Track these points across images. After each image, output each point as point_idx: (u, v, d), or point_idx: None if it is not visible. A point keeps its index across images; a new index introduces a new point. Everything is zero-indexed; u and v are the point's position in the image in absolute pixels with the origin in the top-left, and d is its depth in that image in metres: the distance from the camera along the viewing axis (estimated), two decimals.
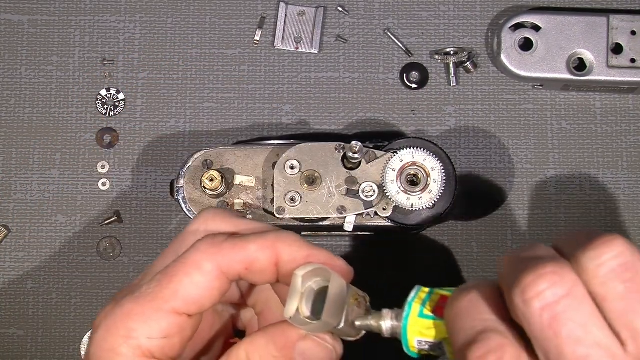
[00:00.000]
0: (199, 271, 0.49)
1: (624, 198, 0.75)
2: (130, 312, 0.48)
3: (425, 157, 0.65)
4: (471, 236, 0.75)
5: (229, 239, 0.50)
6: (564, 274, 0.41)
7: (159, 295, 0.48)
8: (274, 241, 0.49)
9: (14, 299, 0.74)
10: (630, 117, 0.76)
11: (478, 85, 0.77)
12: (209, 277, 0.49)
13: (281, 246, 0.49)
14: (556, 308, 0.41)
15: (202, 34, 0.77)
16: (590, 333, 0.40)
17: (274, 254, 0.49)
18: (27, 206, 0.75)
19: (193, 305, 0.49)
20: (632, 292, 0.41)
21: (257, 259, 0.49)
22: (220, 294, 0.50)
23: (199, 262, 0.49)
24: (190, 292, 0.48)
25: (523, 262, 0.43)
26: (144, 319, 0.48)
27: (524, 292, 0.41)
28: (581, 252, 0.42)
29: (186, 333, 0.49)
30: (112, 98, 0.76)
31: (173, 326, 0.48)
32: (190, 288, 0.48)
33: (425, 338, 0.48)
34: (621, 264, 0.41)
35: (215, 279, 0.49)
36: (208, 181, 0.66)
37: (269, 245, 0.49)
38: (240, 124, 0.76)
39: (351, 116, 0.76)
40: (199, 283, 0.49)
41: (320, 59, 0.77)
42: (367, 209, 0.66)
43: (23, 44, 0.77)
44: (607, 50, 0.74)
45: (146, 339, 0.48)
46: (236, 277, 0.50)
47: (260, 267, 0.49)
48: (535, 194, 0.75)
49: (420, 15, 0.78)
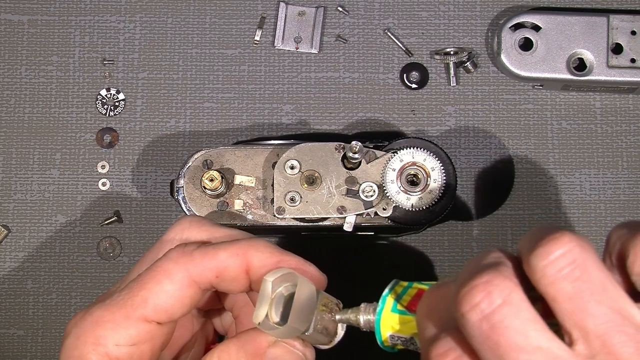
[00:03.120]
0: (169, 279, 0.49)
1: (624, 198, 0.75)
2: (99, 319, 0.48)
3: (425, 157, 0.65)
4: (471, 236, 0.75)
5: (200, 248, 0.50)
6: (499, 282, 0.40)
7: (128, 302, 0.48)
8: (244, 248, 0.49)
9: (14, 299, 0.74)
10: (630, 117, 0.76)
11: (478, 85, 0.77)
12: (179, 285, 0.49)
13: (252, 253, 0.49)
14: (493, 318, 0.39)
15: (202, 34, 0.77)
16: (529, 338, 0.39)
17: (244, 261, 0.49)
18: (27, 206, 0.75)
19: (163, 314, 0.49)
20: (581, 291, 0.39)
21: (228, 266, 0.49)
22: (192, 302, 0.50)
23: (170, 270, 0.49)
24: (160, 300, 0.49)
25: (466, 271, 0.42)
26: (113, 326, 0.48)
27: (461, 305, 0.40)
28: (530, 251, 0.41)
29: (157, 341, 0.49)
30: (112, 98, 0.77)
31: (142, 334, 0.48)
32: (160, 296, 0.49)
33: (397, 333, 0.48)
34: (569, 262, 0.40)
35: (185, 287, 0.49)
36: (208, 181, 0.66)
37: (239, 252, 0.49)
38: (240, 124, 0.76)
39: (351, 116, 0.76)
40: (169, 291, 0.49)
41: (320, 59, 0.77)
42: (367, 209, 0.66)
43: (23, 44, 0.77)
44: (607, 50, 0.74)
45: (114, 346, 0.48)
46: (208, 285, 0.50)
47: (231, 275, 0.49)
48: (535, 194, 0.75)
49: (420, 15, 0.78)
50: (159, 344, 0.49)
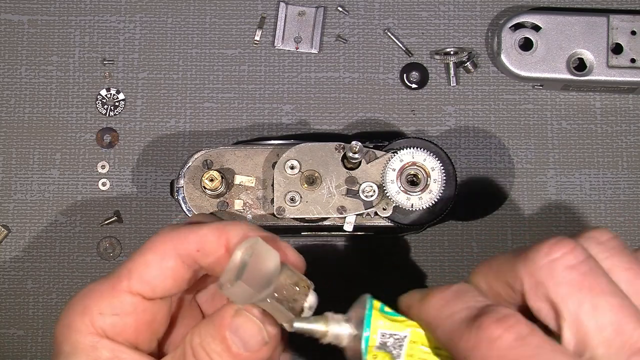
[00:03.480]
0: (152, 252, 0.51)
1: (624, 198, 0.75)
2: (88, 291, 0.51)
3: (425, 157, 0.65)
4: (471, 236, 0.75)
5: (186, 225, 0.52)
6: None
7: (115, 275, 0.51)
8: (224, 224, 0.52)
9: (14, 299, 0.74)
10: (630, 117, 0.76)
11: (478, 85, 0.77)
12: (161, 257, 0.51)
13: (230, 227, 0.51)
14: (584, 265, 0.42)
15: (202, 34, 0.77)
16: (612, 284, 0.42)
17: (224, 235, 0.51)
18: (27, 206, 0.75)
19: (146, 285, 0.50)
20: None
21: (208, 240, 0.51)
22: (175, 278, 0.51)
23: (155, 244, 0.51)
24: (143, 272, 0.50)
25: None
26: (99, 296, 0.50)
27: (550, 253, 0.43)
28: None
29: (140, 316, 0.51)
30: (112, 98, 0.77)
31: (125, 305, 0.50)
32: (144, 268, 0.50)
33: (390, 330, 0.47)
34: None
35: (168, 259, 0.51)
36: (208, 181, 0.66)
37: (219, 227, 0.51)
38: (240, 124, 0.76)
39: (351, 116, 0.76)
40: (151, 263, 0.50)
41: (320, 59, 0.77)
42: (367, 209, 0.66)
43: (23, 44, 0.77)
44: (607, 50, 0.74)
45: (98, 315, 0.50)
46: (190, 260, 0.51)
47: (210, 248, 0.51)
48: (535, 194, 0.75)
49: (420, 15, 0.78)
50: (143, 319, 0.51)
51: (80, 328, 0.50)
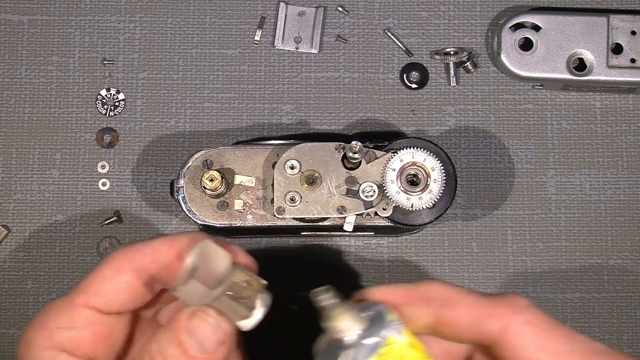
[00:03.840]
0: (108, 266, 0.52)
1: (624, 198, 0.75)
2: (48, 307, 0.52)
3: (425, 157, 0.65)
4: (471, 236, 0.75)
5: (142, 240, 0.53)
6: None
7: (74, 290, 0.52)
8: (175, 235, 0.53)
9: (14, 299, 0.74)
10: (630, 117, 0.76)
11: (478, 85, 0.77)
12: (116, 271, 0.52)
13: (181, 237, 0.52)
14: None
15: (202, 34, 0.77)
16: None
17: (175, 245, 0.52)
18: (27, 206, 0.75)
19: (101, 298, 0.51)
20: None
21: (160, 250, 0.52)
22: (130, 291, 0.52)
23: (111, 258, 0.52)
24: (99, 285, 0.51)
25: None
26: (57, 311, 0.51)
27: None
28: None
29: (97, 329, 0.51)
30: (112, 98, 0.77)
31: (82, 319, 0.51)
32: (100, 282, 0.51)
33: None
34: None
35: (123, 273, 0.51)
36: (208, 181, 0.66)
37: (170, 237, 0.52)
38: (240, 124, 0.76)
39: (351, 116, 0.76)
40: (107, 277, 0.51)
41: (320, 59, 0.77)
42: (367, 209, 0.66)
43: (23, 44, 0.77)
44: (607, 50, 0.74)
45: (56, 330, 0.51)
46: (146, 273, 0.52)
47: (164, 259, 0.52)
48: (535, 194, 0.75)
49: (420, 15, 0.78)
50: (100, 333, 0.51)
51: (39, 343, 0.51)
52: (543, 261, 0.75)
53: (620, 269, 0.75)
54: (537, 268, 0.74)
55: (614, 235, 0.75)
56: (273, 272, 0.75)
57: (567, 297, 0.74)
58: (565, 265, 0.75)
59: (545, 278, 0.74)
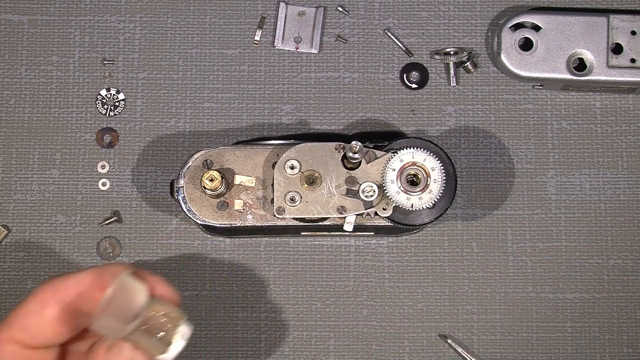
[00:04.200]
0: (33, 300, 0.51)
1: (624, 198, 0.75)
2: None
3: (425, 157, 0.65)
4: (471, 236, 0.75)
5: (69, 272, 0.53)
6: None
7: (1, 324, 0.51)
8: (101, 266, 0.52)
9: (14, 299, 0.74)
10: (630, 117, 0.76)
11: (478, 85, 0.77)
12: (42, 305, 0.51)
13: (106, 269, 0.52)
14: None
15: (202, 34, 0.77)
16: None
17: (101, 277, 0.51)
18: (27, 206, 0.75)
19: (26, 333, 0.51)
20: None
21: (85, 282, 0.51)
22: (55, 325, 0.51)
23: (37, 292, 0.52)
24: (23, 320, 0.51)
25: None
26: None
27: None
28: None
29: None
30: (112, 98, 0.77)
31: (6, 354, 0.51)
32: (23, 316, 0.51)
33: None
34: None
35: (48, 307, 0.51)
36: (208, 181, 0.66)
37: (96, 269, 0.52)
38: (240, 124, 0.76)
39: (351, 116, 0.76)
40: (31, 311, 0.51)
41: (320, 59, 0.77)
42: (367, 209, 0.66)
43: (23, 44, 0.77)
44: (607, 50, 0.74)
45: None
46: (72, 306, 0.52)
47: (89, 291, 0.51)
48: (535, 194, 0.75)
49: (420, 15, 0.78)
50: None
51: None
52: (543, 261, 0.75)
53: (620, 269, 0.75)
54: (537, 268, 0.74)
55: (614, 235, 0.75)
56: (273, 272, 0.75)
57: (567, 297, 0.74)
58: (565, 265, 0.75)
59: (545, 278, 0.74)
